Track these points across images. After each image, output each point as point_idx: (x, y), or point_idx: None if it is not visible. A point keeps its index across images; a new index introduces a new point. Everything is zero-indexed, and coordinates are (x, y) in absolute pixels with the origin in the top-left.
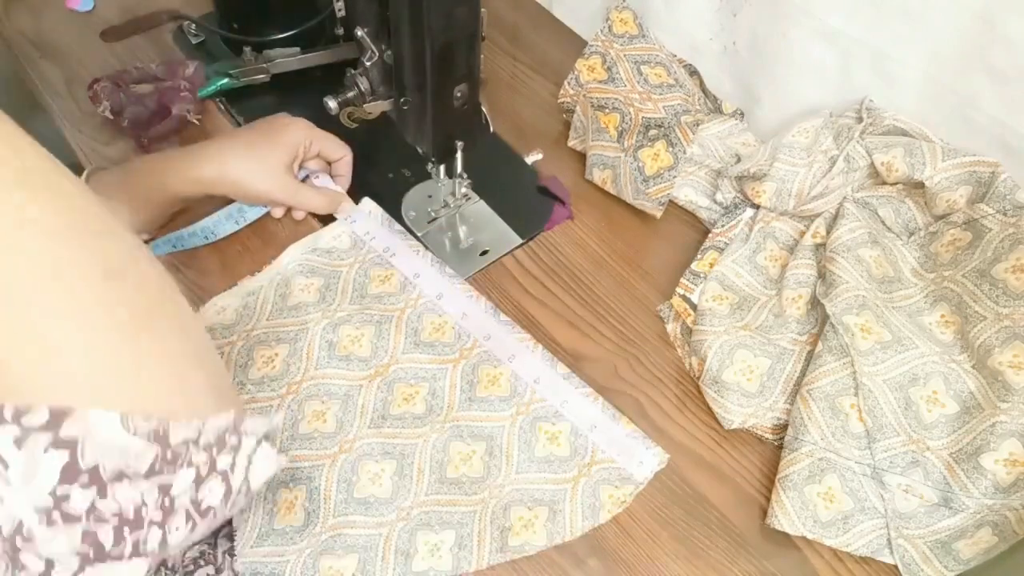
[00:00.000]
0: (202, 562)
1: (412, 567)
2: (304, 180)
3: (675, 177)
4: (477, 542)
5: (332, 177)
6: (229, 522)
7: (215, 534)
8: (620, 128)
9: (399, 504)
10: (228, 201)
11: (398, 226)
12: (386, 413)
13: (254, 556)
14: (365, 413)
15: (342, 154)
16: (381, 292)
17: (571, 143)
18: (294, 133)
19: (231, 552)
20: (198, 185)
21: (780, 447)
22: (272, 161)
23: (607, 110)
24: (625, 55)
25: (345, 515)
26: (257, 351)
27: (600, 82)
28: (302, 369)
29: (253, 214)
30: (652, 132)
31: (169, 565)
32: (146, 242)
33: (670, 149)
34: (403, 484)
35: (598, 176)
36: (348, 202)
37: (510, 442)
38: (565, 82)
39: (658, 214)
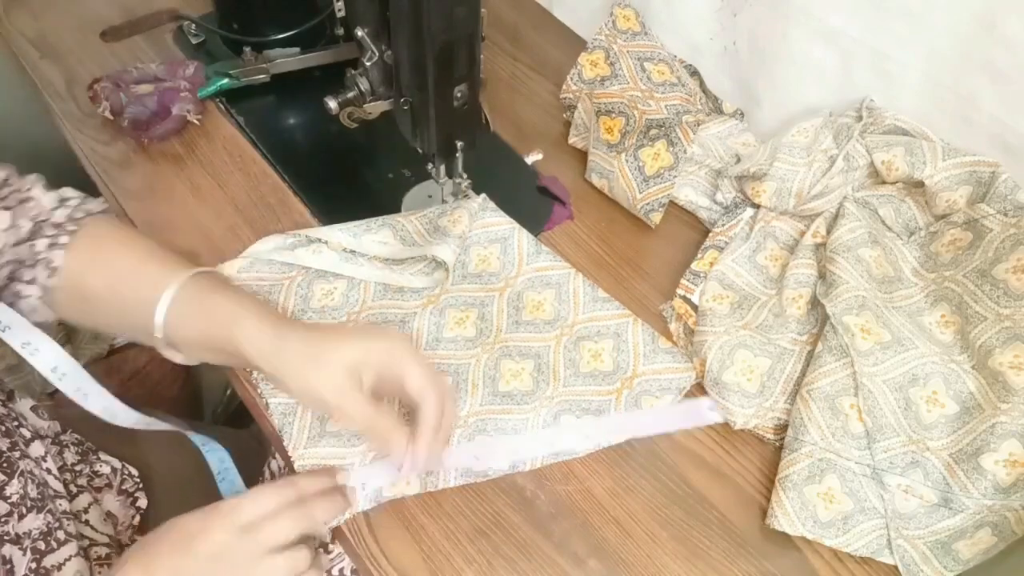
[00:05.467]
0: None
1: (475, 469)
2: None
3: (675, 177)
4: (530, 444)
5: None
6: None
7: None
8: (624, 130)
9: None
10: None
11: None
12: (440, 336)
13: (313, 457)
14: (421, 336)
15: (420, 397)
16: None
17: (572, 140)
18: (376, 340)
19: None
20: (238, 360)
21: (781, 447)
22: (332, 353)
23: (613, 114)
24: (628, 51)
25: None
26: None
27: (603, 78)
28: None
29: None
30: (653, 132)
31: None
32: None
33: (670, 149)
34: (458, 398)
35: (597, 181)
36: (401, 457)
37: (556, 360)
38: (568, 78)
39: (654, 223)
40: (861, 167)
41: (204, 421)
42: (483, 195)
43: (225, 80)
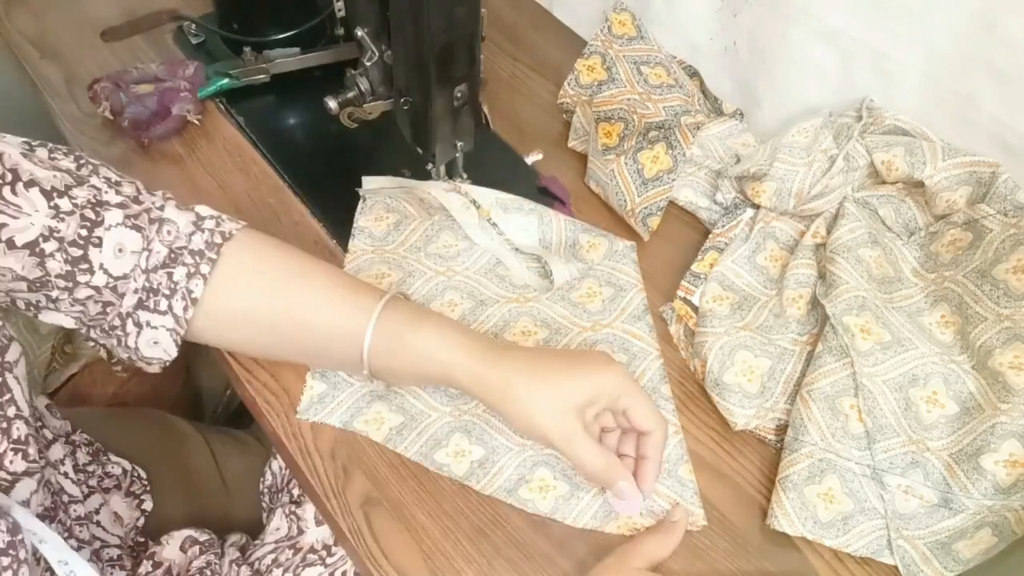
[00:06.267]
0: (208, 572)
1: (435, 457)
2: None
3: (674, 180)
4: (498, 469)
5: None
6: (230, 529)
7: (222, 543)
8: (623, 134)
9: (457, 403)
10: None
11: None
12: (499, 336)
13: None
14: (483, 325)
15: (651, 427)
16: None
17: (571, 144)
18: (604, 376)
19: (238, 563)
20: (464, 385)
21: (781, 448)
22: (561, 393)
23: (613, 120)
24: (624, 55)
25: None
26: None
27: (600, 82)
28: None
29: None
30: (652, 134)
31: (174, 574)
32: None
33: (670, 152)
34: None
35: (595, 187)
36: (636, 498)
37: None
38: (565, 83)
39: (645, 236)
40: (861, 167)
41: (204, 421)
42: (633, 243)
43: (225, 80)
